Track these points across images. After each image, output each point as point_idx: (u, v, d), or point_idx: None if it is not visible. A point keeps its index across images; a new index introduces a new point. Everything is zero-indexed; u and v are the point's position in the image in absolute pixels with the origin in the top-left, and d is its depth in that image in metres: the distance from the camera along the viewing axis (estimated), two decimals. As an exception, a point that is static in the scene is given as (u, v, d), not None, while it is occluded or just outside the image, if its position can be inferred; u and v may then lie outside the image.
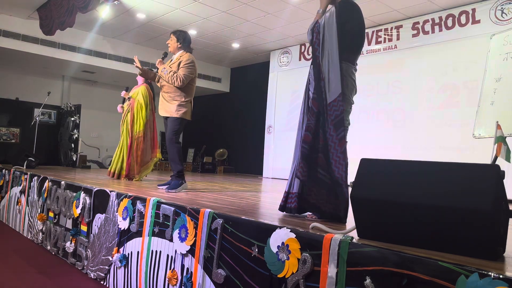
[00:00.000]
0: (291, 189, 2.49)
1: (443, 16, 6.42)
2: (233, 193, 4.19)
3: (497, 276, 1.23)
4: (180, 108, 4.01)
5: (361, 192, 1.78)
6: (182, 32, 4.21)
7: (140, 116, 5.20)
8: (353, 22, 2.45)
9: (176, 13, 7.23)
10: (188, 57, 4.05)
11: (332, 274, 1.65)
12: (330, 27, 2.38)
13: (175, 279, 2.50)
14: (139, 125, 5.19)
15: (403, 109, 6.78)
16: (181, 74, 3.96)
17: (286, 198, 2.52)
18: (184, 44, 4.14)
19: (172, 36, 4.18)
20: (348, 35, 2.41)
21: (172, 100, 4.02)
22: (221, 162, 10.67)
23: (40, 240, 4.26)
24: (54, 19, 6.73)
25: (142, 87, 5.35)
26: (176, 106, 4.00)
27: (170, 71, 3.98)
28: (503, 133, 3.93)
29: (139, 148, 5.16)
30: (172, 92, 4.03)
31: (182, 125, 4.08)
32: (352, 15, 2.44)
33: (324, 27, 2.42)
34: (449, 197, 1.53)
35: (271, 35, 8.14)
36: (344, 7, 2.42)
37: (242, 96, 10.56)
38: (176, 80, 3.94)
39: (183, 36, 4.16)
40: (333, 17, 2.38)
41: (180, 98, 4.02)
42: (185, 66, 3.99)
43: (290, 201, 2.48)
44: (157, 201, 2.81)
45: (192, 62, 4.04)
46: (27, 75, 9.62)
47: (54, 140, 9.46)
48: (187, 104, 4.06)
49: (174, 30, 4.26)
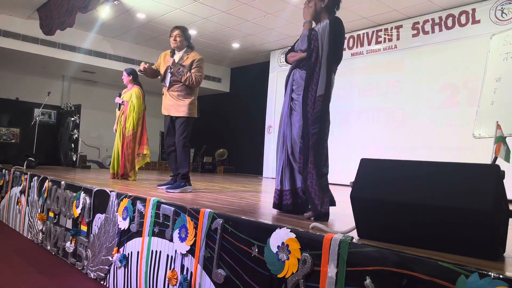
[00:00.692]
0: (283, 186, 2.63)
1: (443, 16, 6.42)
2: (233, 193, 4.19)
3: (497, 276, 1.23)
4: (192, 107, 4.01)
5: (361, 192, 1.78)
6: (187, 30, 4.18)
7: (131, 117, 5.28)
8: (341, 37, 2.66)
9: (176, 13, 7.23)
10: (200, 57, 4.07)
11: (332, 274, 1.65)
12: (324, 38, 2.56)
13: (175, 279, 2.50)
14: (129, 125, 5.28)
15: (403, 109, 6.78)
16: (198, 75, 3.97)
17: (280, 195, 2.64)
18: (189, 43, 4.16)
19: (181, 33, 4.08)
20: (337, 48, 2.61)
21: (184, 99, 3.99)
22: (221, 162, 10.67)
23: (40, 240, 4.26)
24: (54, 19, 6.73)
25: (135, 89, 5.41)
26: (188, 105, 3.97)
27: (187, 72, 3.95)
28: (503, 133, 3.93)
29: (129, 147, 5.27)
30: (183, 91, 4.00)
31: (191, 124, 4.08)
32: (341, 31, 2.63)
33: (321, 37, 2.57)
34: (449, 197, 1.53)
35: (271, 35, 8.14)
36: (337, 23, 2.61)
37: (242, 96, 10.56)
38: (194, 81, 3.95)
39: (189, 35, 4.18)
40: (327, 29, 2.56)
41: (191, 97, 4.01)
42: (199, 66, 4.01)
43: (285, 198, 2.61)
44: (157, 201, 2.81)
45: (203, 63, 4.07)
46: (27, 75, 9.62)
47: (54, 140, 9.46)
48: (195, 102, 4.08)
49: (180, 27, 4.14)
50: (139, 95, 5.37)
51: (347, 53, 7.78)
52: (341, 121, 7.70)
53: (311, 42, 2.60)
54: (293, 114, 2.66)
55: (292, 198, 2.60)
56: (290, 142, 2.66)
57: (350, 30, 7.65)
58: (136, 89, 5.42)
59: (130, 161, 5.27)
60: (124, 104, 5.36)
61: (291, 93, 2.72)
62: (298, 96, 2.64)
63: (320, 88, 2.51)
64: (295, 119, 2.64)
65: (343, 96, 7.71)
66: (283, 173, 2.66)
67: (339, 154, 7.44)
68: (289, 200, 2.60)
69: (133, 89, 5.43)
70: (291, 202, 2.60)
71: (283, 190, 2.64)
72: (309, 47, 2.61)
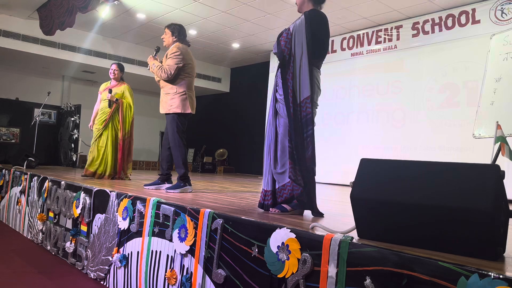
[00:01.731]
0: (267, 187, 2.70)
1: (443, 16, 6.42)
2: (233, 193, 4.19)
3: (497, 276, 1.23)
4: (180, 102, 3.79)
5: (361, 192, 1.78)
6: (176, 25, 4.01)
7: (128, 116, 5.16)
8: (321, 31, 2.62)
9: (176, 13, 7.23)
10: (175, 47, 3.86)
11: (332, 274, 1.65)
12: (300, 33, 2.57)
13: (174, 279, 2.50)
14: (128, 125, 5.16)
15: (403, 109, 6.78)
16: (166, 65, 3.79)
17: (264, 196, 2.72)
18: (179, 37, 3.96)
19: (167, 30, 3.98)
20: (318, 43, 2.60)
21: (170, 95, 3.83)
22: (221, 162, 10.67)
23: (40, 240, 4.26)
24: (54, 19, 6.74)
25: (127, 87, 5.23)
26: (175, 101, 3.79)
27: (157, 66, 3.82)
28: (503, 133, 3.93)
29: (127, 147, 5.18)
30: (165, 87, 3.87)
31: (183, 121, 3.87)
32: (321, 25, 2.62)
33: (294, 34, 2.59)
34: (449, 197, 1.53)
35: (271, 35, 8.14)
36: (313, 16, 2.60)
37: (242, 96, 10.56)
38: (162, 73, 3.76)
39: (177, 29, 3.97)
40: (303, 24, 2.56)
41: (178, 92, 3.80)
42: (170, 57, 3.81)
43: (267, 198, 2.69)
44: (157, 201, 2.81)
45: (178, 51, 3.81)
46: (27, 75, 9.62)
47: (54, 140, 9.46)
48: (183, 96, 3.82)
49: (168, 24, 4.05)
50: (131, 92, 5.22)
51: (347, 53, 7.78)
52: (341, 121, 7.70)
53: (280, 45, 2.61)
54: (278, 116, 2.68)
55: (272, 199, 2.68)
56: (275, 144, 2.68)
57: (350, 30, 7.65)
58: (127, 86, 5.24)
59: (126, 161, 5.20)
60: (118, 102, 5.13)
61: (275, 93, 2.73)
62: (280, 97, 2.65)
63: (305, 90, 2.52)
64: (279, 122, 2.66)
65: (343, 96, 7.72)
66: (267, 175, 2.73)
67: (339, 154, 7.46)
68: (270, 200, 2.68)
69: (124, 86, 5.23)
70: (271, 202, 2.68)
71: (266, 191, 2.72)
72: (279, 50, 2.61)
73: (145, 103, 10.84)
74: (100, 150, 5.12)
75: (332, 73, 7.79)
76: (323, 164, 7.46)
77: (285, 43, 2.59)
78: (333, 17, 6.97)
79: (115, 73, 5.25)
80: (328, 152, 7.46)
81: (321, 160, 8.16)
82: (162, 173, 4.08)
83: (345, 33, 7.79)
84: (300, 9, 2.76)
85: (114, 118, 5.17)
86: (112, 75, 5.27)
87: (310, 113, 2.51)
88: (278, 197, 2.66)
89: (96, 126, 5.25)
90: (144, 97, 10.98)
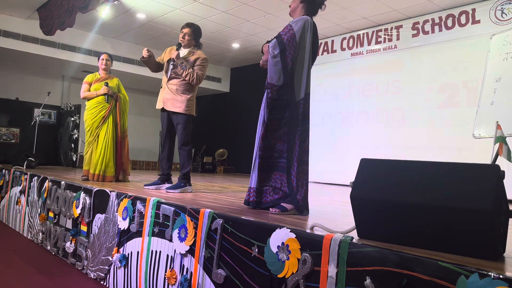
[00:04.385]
0: (252, 184, 2.79)
1: (443, 16, 6.42)
2: (233, 193, 4.18)
3: (497, 276, 1.23)
4: (190, 104, 3.92)
5: (361, 192, 1.78)
6: (199, 28, 4.11)
7: (126, 112, 4.89)
8: (317, 40, 2.79)
9: (176, 13, 7.23)
10: (205, 56, 4.02)
11: (332, 274, 1.65)
12: (303, 39, 2.67)
13: (174, 279, 2.50)
14: (126, 122, 4.86)
15: (403, 109, 6.78)
16: (200, 73, 3.90)
17: (249, 192, 2.79)
18: (197, 42, 4.11)
19: (189, 31, 4.01)
20: (315, 49, 2.76)
21: (182, 94, 3.89)
22: (221, 162, 10.67)
23: (40, 240, 4.26)
24: (54, 19, 6.73)
25: (118, 80, 4.90)
26: (186, 102, 3.88)
27: (188, 68, 3.87)
28: (503, 133, 3.93)
29: (126, 146, 4.85)
30: (182, 86, 3.90)
31: (191, 122, 3.99)
32: (317, 34, 2.76)
33: (299, 38, 2.67)
34: (449, 197, 1.53)
35: (271, 35, 8.10)
36: (315, 26, 2.73)
37: (242, 96, 10.55)
38: (195, 79, 3.87)
39: (200, 34, 4.11)
40: (307, 31, 2.67)
41: (190, 94, 3.93)
42: (202, 65, 3.94)
43: (253, 195, 2.76)
44: (157, 201, 2.81)
45: (207, 62, 4.01)
46: (27, 75, 9.61)
47: (54, 140, 9.46)
48: (194, 100, 4.00)
49: (191, 24, 4.09)
50: (122, 86, 4.91)
51: (347, 53, 7.78)
52: (340, 121, 7.70)
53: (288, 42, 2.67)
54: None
55: (256, 196, 2.74)
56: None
57: (350, 30, 7.65)
58: (118, 79, 4.89)
59: (127, 158, 4.88)
60: (115, 96, 4.76)
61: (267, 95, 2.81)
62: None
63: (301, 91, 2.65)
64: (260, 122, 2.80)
65: (343, 96, 7.72)
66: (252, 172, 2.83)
67: (339, 154, 7.46)
68: (252, 197, 2.75)
69: (117, 79, 4.89)
70: (255, 200, 2.75)
71: (251, 188, 2.79)
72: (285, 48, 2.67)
73: (145, 103, 10.84)
74: (104, 151, 4.68)
75: (332, 73, 7.79)
76: (323, 164, 7.50)
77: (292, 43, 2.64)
78: (333, 17, 6.97)
79: (107, 63, 4.80)
80: (328, 152, 7.46)
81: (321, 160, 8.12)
82: (162, 173, 4.10)
83: (345, 33, 7.79)
84: (293, 14, 2.82)
85: (112, 114, 4.75)
86: (103, 66, 4.80)
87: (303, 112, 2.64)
88: (263, 197, 2.74)
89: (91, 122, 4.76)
90: (144, 97, 10.97)
